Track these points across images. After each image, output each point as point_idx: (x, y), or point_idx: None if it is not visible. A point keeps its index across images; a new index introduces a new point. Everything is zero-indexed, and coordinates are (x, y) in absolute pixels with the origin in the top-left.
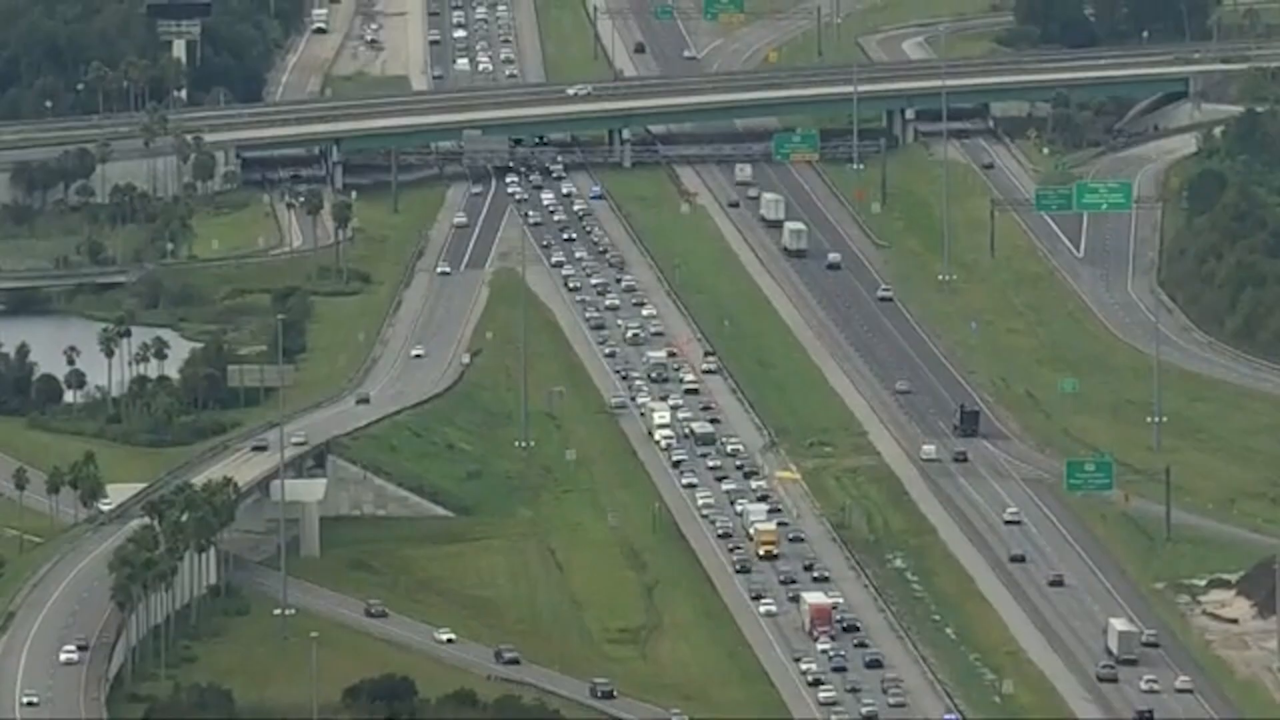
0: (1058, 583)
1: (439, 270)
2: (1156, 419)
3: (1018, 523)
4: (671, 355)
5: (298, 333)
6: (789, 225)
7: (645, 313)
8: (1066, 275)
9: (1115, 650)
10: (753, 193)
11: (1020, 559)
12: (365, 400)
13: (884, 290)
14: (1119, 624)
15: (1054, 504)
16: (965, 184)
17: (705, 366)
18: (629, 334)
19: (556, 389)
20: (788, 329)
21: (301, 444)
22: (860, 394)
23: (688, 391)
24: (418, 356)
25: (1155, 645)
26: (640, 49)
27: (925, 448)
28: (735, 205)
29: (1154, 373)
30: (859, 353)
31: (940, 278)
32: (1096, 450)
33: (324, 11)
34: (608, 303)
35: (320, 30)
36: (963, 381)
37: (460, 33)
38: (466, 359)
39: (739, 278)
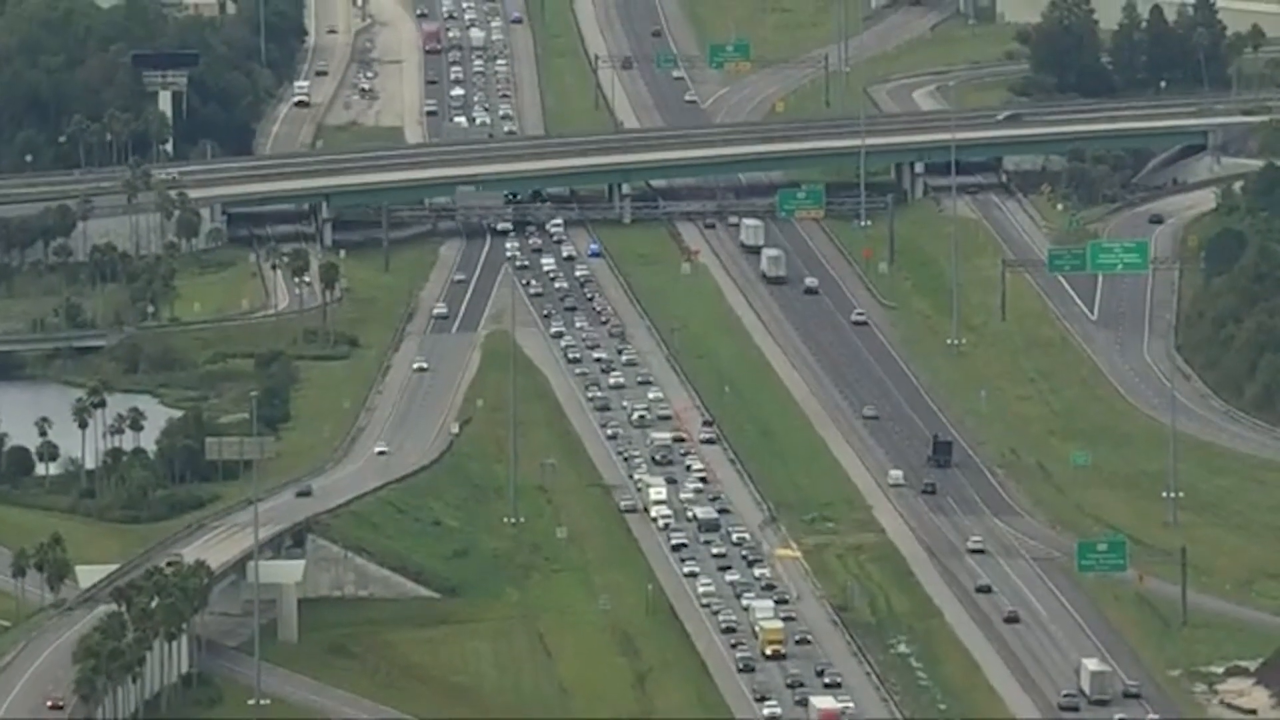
0: (1013, 619)
1: (415, 366)
2: (1172, 493)
3: (981, 551)
4: (679, 440)
5: (281, 400)
6: (767, 252)
7: (651, 395)
8: (1080, 339)
9: (1088, 691)
10: (732, 220)
11: (987, 589)
12: (307, 493)
13: (858, 314)
14: (1092, 664)
15: (1066, 585)
16: (976, 242)
17: (704, 435)
18: (634, 416)
19: (549, 461)
20: (789, 394)
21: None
22: (864, 465)
23: (698, 479)
24: (381, 454)
25: (1137, 695)
26: (628, 64)
27: (892, 472)
28: (711, 226)
29: (1170, 444)
30: (862, 422)
31: (949, 342)
32: (1110, 528)
33: (306, 84)
34: (612, 381)
35: (302, 104)
36: (972, 454)
37: (458, 90)
38: (455, 429)
39: (740, 339)
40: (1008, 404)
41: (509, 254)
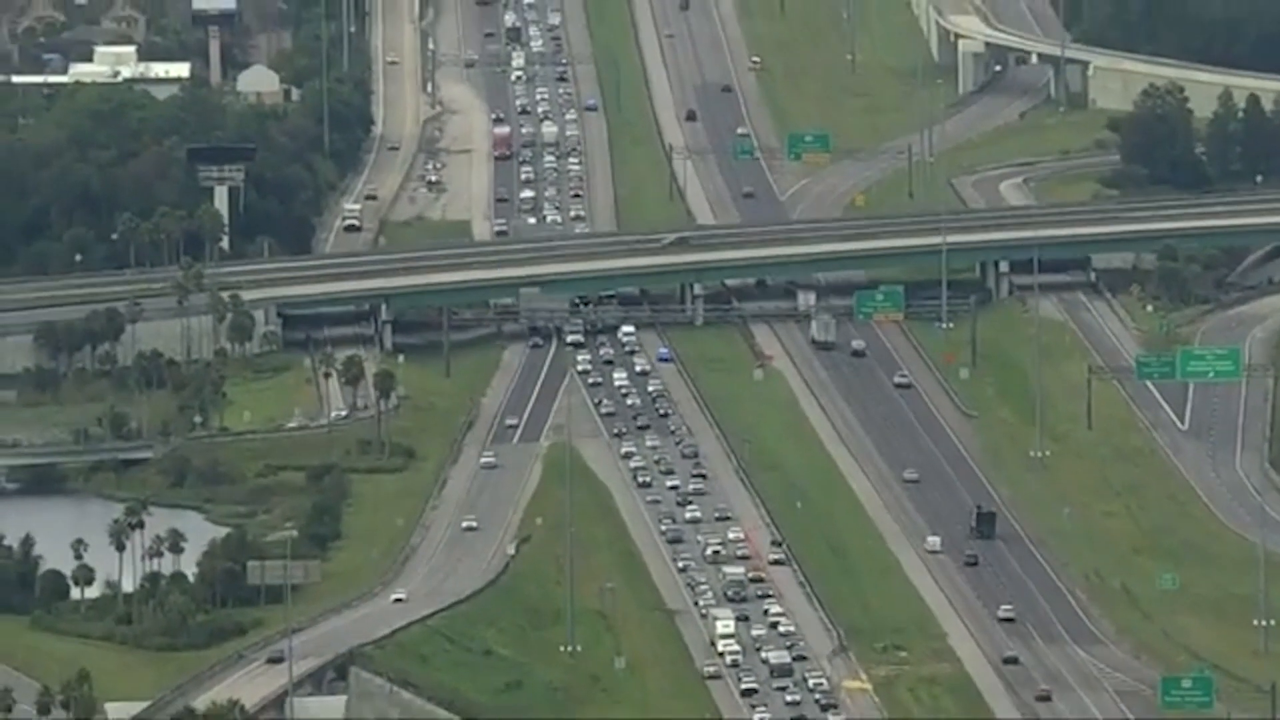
0: (1045, 697)
1: (464, 525)
2: (1263, 621)
3: (1012, 620)
4: (756, 580)
5: (332, 517)
6: (817, 317)
7: (731, 534)
8: (1169, 451)
9: None
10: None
11: (1014, 660)
12: (279, 660)
13: (901, 376)
14: None
15: None
16: (1063, 345)
17: (773, 556)
18: (709, 551)
19: (608, 584)
20: (862, 508)
21: None
22: (938, 584)
23: (772, 625)
24: (398, 601)
25: None
26: (691, 116)
27: (930, 539)
28: (760, 284)
29: (1260, 566)
30: (925, 518)
31: (1032, 454)
32: (1197, 658)
33: (358, 208)
34: (688, 516)
35: (353, 228)
36: (1054, 575)
37: (528, 192)
38: (512, 549)
39: (812, 449)
40: (1093, 520)
41: (580, 368)
